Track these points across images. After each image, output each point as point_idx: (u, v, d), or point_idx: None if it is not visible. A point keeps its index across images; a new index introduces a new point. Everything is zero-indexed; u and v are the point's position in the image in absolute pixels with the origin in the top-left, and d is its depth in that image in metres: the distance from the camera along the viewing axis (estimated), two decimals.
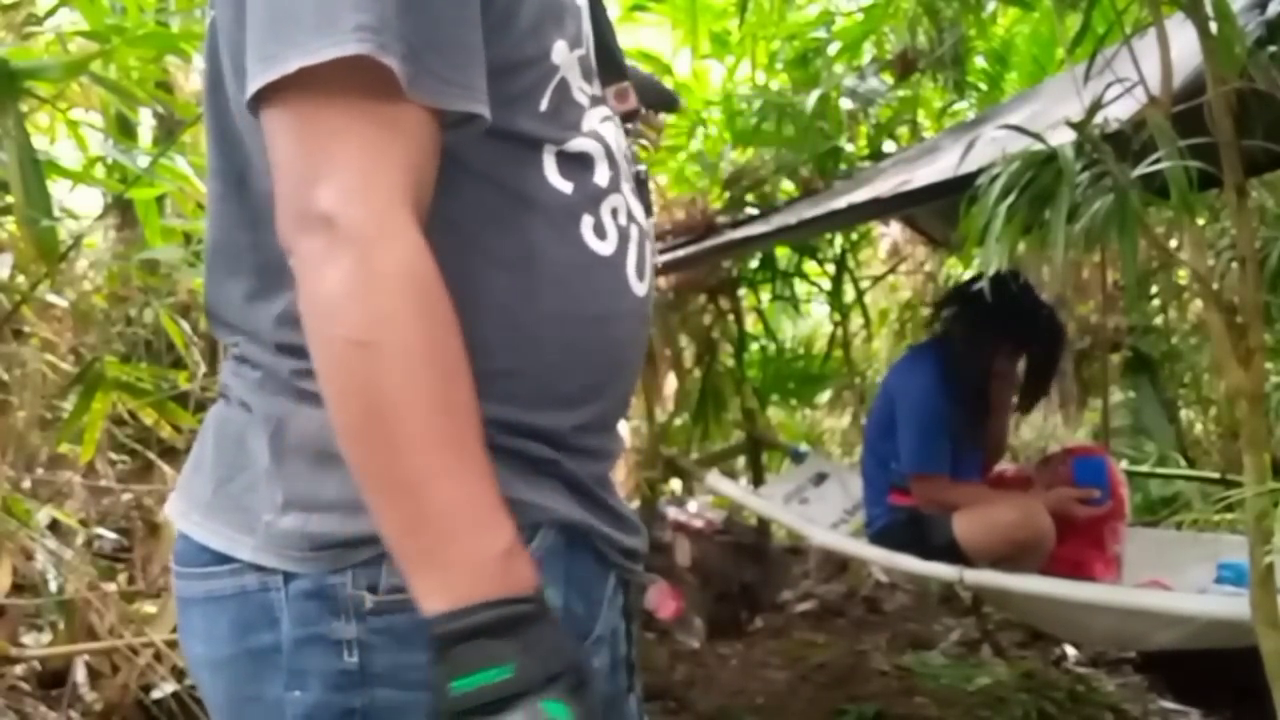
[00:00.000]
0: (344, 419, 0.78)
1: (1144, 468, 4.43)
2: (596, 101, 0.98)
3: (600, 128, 0.97)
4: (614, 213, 0.96)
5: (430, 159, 0.82)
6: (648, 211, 1.03)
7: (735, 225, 3.60)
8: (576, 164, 0.93)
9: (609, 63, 1.02)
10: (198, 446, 0.98)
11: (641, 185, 1.04)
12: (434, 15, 0.81)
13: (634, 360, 1.01)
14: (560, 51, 0.92)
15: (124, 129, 2.95)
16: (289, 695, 0.85)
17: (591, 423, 0.95)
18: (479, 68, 0.84)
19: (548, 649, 0.77)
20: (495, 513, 0.79)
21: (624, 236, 0.97)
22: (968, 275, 4.43)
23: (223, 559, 0.88)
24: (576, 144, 0.93)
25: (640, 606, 1.04)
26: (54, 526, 2.78)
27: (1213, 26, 1.66)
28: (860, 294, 4.80)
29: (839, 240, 4.55)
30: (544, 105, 0.91)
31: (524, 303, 0.90)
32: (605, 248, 0.94)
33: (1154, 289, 4.87)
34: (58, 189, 2.34)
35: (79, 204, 2.92)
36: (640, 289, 0.99)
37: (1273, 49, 1.76)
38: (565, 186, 0.92)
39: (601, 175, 0.95)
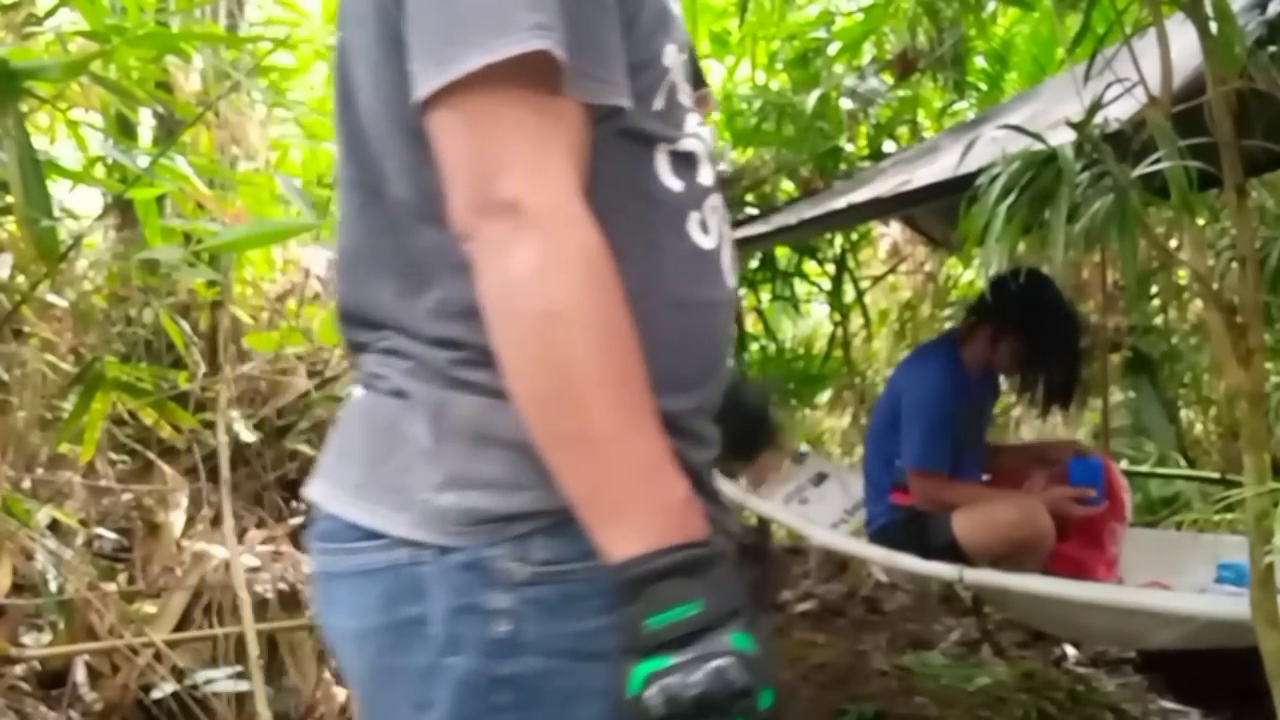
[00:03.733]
0: (533, 386, 0.85)
1: (1144, 468, 4.44)
2: (692, 105, 1.04)
3: (699, 130, 1.03)
4: (713, 210, 1.03)
5: (585, 150, 0.89)
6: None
7: (735, 225, 3.60)
8: (685, 163, 1.00)
9: (692, 69, 1.08)
10: (340, 434, 1.03)
11: (724, 184, 1.11)
12: (586, 16, 0.88)
13: (728, 348, 1.09)
14: (670, 54, 0.99)
15: (124, 129, 2.95)
16: (443, 662, 0.90)
17: (701, 407, 1.01)
18: (622, 65, 0.92)
19: (728, 587, 0.84)
20: (672, 467, 0.87)
21: (721, 233, 1.04)
22: (970, 274, 4.43)
23: (374, 535, 0.93)
24: (685, 144, 1.00)
25: None
26: (54, 526, 2.78)
27: (1213, 26, 1.67)
28: (860, 294, 4.80)
29: (839, 240, 4.55)
30: (658, 105, 0.98)
31: (646, 290, 0.94)
32: (708, 242, 1.01)
33: (1154, 289, 4.88)
34: (58, 189, 2.35)
35: (79, 204, 2.93)
36: (731, 282, 1.06)
37: (1273, 49, 1.76)
38: (676, 185, 0.99)
39: (705, 175, 1.02)
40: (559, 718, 0.91)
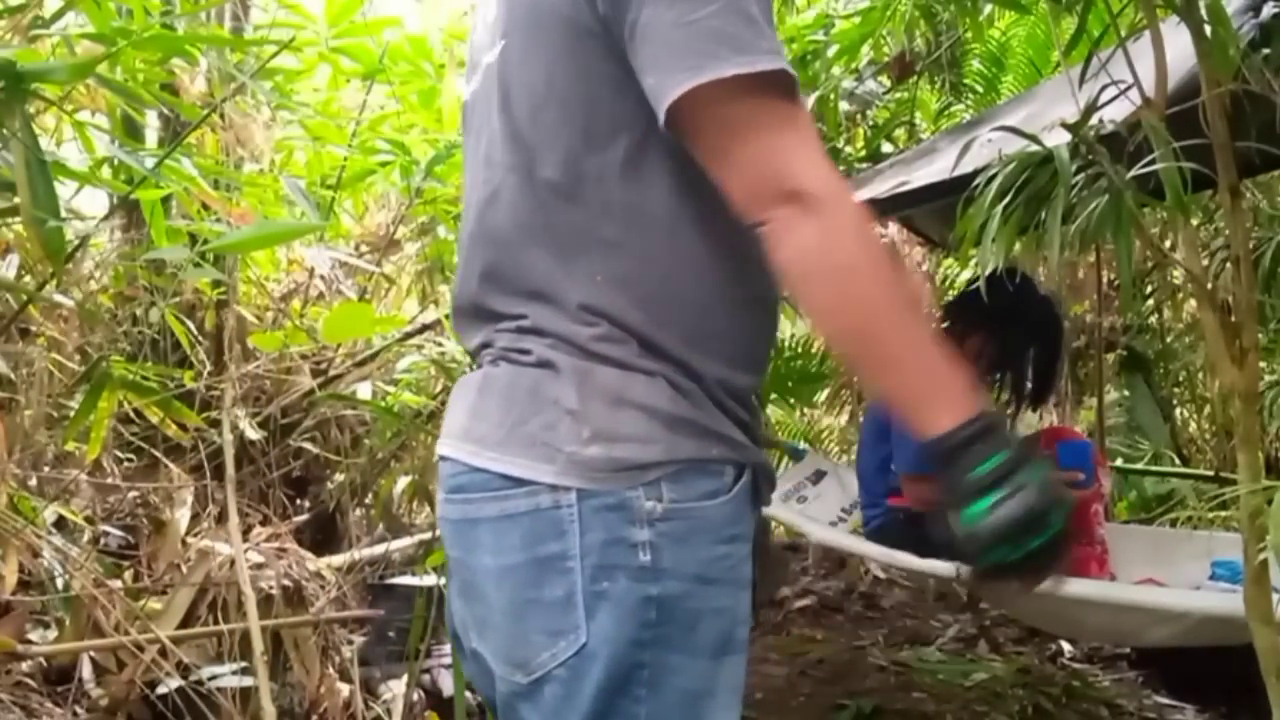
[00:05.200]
0: (844, 324, 1.07)
1: (1139, 466, 4.46)
2: None
3: None
4: None
5: None
6: None
7: None
8: None
9: None
10: (475, 400, 1.18)
11: None
12: None
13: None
14: None
15: (130, 130, 2.97)
16: (593, 588, 1.06)
17: (759, 386, 1.22)
18: None
19: (1015, 439, 1.07)
20: (953, 359, 1.07)
21: None
22: (967, 275, 4.45)
23: (519, 483, 1.09)
24: None
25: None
26: (60, 524, 2.79)
27: (1207, 29, 1.68)
28: None
29: None
30: None
31: (739, 284, 1.16)
32: None
33: (1149, 289, 4.91)
34: (64, 190, 2.35)
35: (85, 205, 2.94)
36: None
37: (1266, 51, 1.77)
38: None
39: None
40: (687, 634, 1.08)
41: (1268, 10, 1.84)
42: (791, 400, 5.64)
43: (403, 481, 3.86)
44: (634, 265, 1.10)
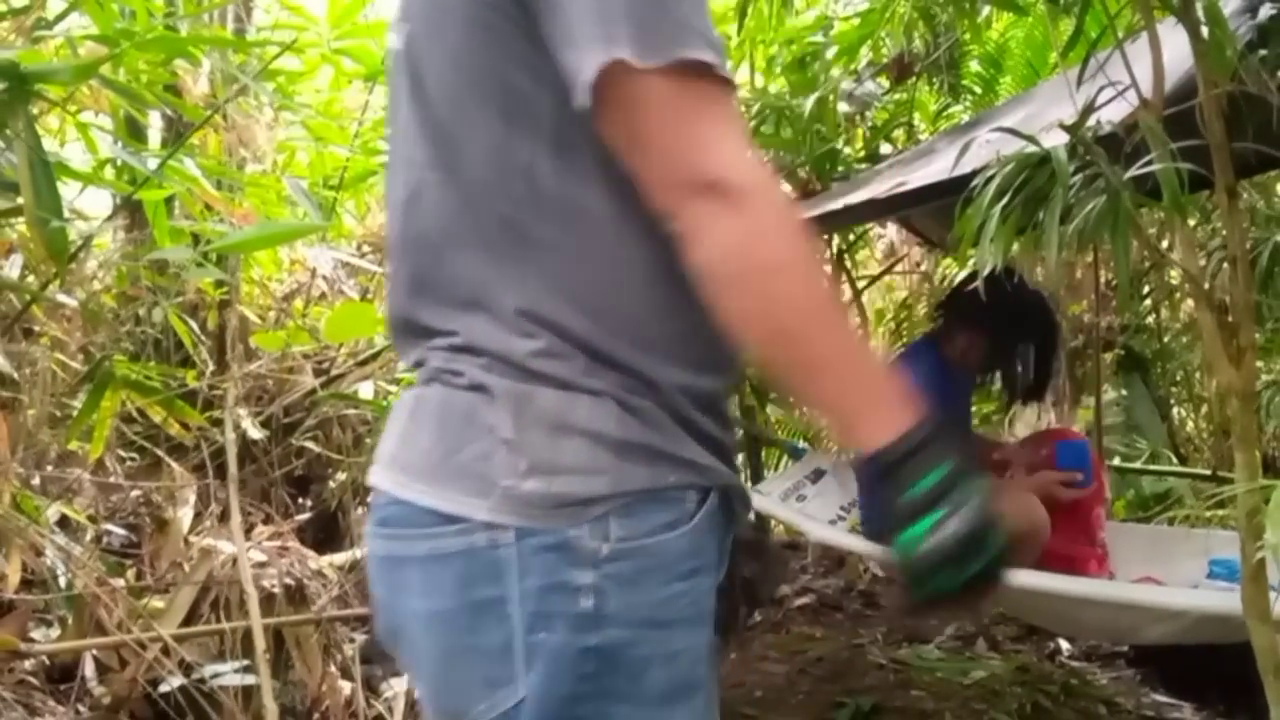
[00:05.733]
0: (770, 328, 0.95)
1: (1136, 465, 4.47)
2: None
3: None
4: None
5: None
6: None
7: None
8: None
9: None
10: (405, 425, 1.06)
11: None
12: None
13: None
14: None
15: (133, 131, 2.98)
16: (530, 639, 0.96)
17: (727, 389, 1.12)
18: None
19: (958, 448, 0.98)
20: (886, 368, 1.01)
21: None
22: (963, 274, 4.46)
23: (451, 520, 0.98)
24: None
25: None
26: (63, 522, 2.81)
27: (1204, 30, 1.69)
28: (857, 293, 4.83)
29: (836, 241, 4.58)
30: None
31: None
32: None
33: (1146, 289, 4.92)
34: (68, 190, 2.37)
35: (89, 205, 2.96)
36: None
37: (1263, 53, 1.78)
38: None
39: None
40: (632, 683, 0.98)
41: (1264, 11, 1.85)
42: (791, 399, 5.65)
43: None
44: (574, 266, 0.99)
